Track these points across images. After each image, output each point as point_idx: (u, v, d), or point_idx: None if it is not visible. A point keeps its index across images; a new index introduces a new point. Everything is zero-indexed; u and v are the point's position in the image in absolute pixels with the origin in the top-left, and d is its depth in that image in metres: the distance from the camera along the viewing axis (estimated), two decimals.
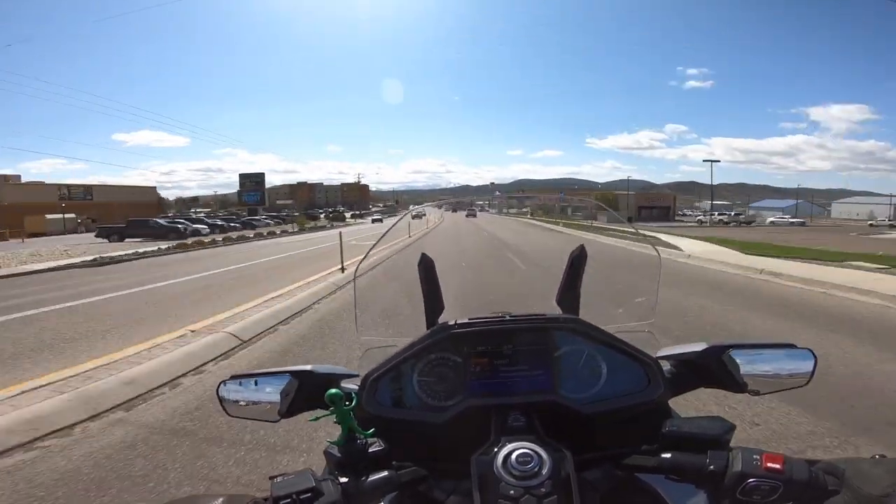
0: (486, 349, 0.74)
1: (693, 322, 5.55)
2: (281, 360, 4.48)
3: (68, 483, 2.39)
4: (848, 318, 5.76)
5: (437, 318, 0.86)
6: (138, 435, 2.94)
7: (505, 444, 0.61)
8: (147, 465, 2.54)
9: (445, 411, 0.72)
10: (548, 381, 0.73)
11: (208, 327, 5.31)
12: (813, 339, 4.65)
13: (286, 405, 0.74)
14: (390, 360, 0.75)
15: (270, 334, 5.40)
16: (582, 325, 0.76)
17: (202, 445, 2.77)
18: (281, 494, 0.55)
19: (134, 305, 7.17)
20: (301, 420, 0.79)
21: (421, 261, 0.88)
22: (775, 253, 12.26)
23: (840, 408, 3.05)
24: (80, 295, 8.19)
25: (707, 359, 0.75)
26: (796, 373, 0.74)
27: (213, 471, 2.47)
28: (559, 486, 0.55)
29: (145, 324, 5.80)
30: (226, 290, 8.36)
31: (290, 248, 18.81)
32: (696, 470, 0.60)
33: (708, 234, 23.83)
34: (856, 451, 2.49)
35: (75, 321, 6.10)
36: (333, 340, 5.06)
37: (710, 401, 2.94)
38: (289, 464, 2.53)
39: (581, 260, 0.90)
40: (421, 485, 0.67)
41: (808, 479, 0.56)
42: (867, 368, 3.89)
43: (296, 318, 6.16)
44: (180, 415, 3.25)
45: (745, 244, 15.23)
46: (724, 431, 0.63)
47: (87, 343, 5.02)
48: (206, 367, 4.26)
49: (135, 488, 2.33)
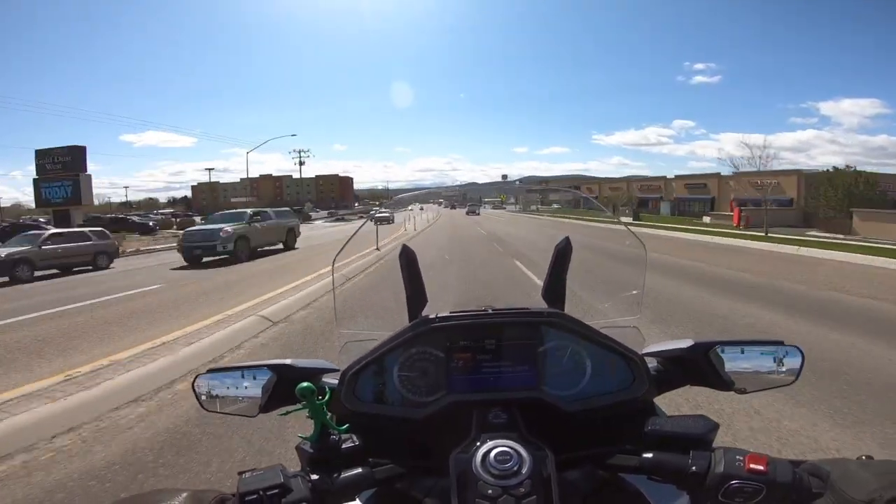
0: (468, 343, 0.72)
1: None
2: None
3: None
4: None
5: (419, 312, 0.84)
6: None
7: (485, 441, 0.59)
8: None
9: (426, 407, 0.71)
10: (531, 377, 0.72)
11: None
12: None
13: (265, 400, 0.72)
14: (369, 355, 0.73)
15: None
16: (566, 319, 0.74)
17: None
18: (248, 490, 0.54)
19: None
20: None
21: (402, 252, 0.86)
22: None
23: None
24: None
25: (693, 356, 0.73)
26: (783, 370, 0.72)
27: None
28: (539, 486, 0.54)
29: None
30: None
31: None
32: (678, 471, 0.59)
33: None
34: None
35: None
36: None
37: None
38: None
39: (566, 252, 0.87)
40: (398, 482, 0.65)
41: (791, 482, 0.54)
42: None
43: None
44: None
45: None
46: (707, 431, 0.61)
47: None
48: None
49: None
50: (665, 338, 1.12)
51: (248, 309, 6.30)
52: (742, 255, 12.30)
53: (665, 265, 10.14)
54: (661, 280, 7.96)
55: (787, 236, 16.22)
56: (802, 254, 12.42)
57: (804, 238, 16.10)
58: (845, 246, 13.01)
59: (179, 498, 0.52)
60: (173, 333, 5.26)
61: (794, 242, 14.21)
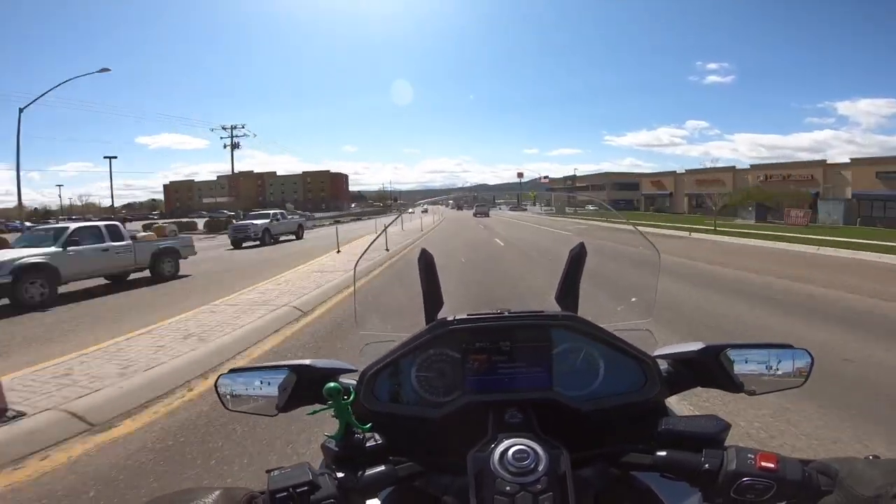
0: (484, 345, 0.74)
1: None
2: None
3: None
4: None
5: (436, 314, 0.86)
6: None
7: (502, 440, 0.61)
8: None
9: (443, 407, 0.73)
10: (546, 378, 0.73)
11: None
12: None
13: (284, 399, 0.74)
14: (388, 356, 0.75)
15: None
16: (580, 322, 0.76)
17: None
18: (277, 488, 0.56)
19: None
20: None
21: (421, 256, 0.88)
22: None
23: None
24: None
25: (704, 358, 0.74)
26: (793, 373, 0.73)
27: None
28: (555, 483, 0.56)
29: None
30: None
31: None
32: (690, 468, 0.60)
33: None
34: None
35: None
36: None
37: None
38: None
39: (581, 257, 0.89)
40: (418, 480, 0.67)
41: (801, 479, 0.56)
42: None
43: None
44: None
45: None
46: (719, 430, 0.63)
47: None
48: None
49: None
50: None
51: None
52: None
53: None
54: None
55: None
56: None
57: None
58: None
59: (211, 496, 0.53)
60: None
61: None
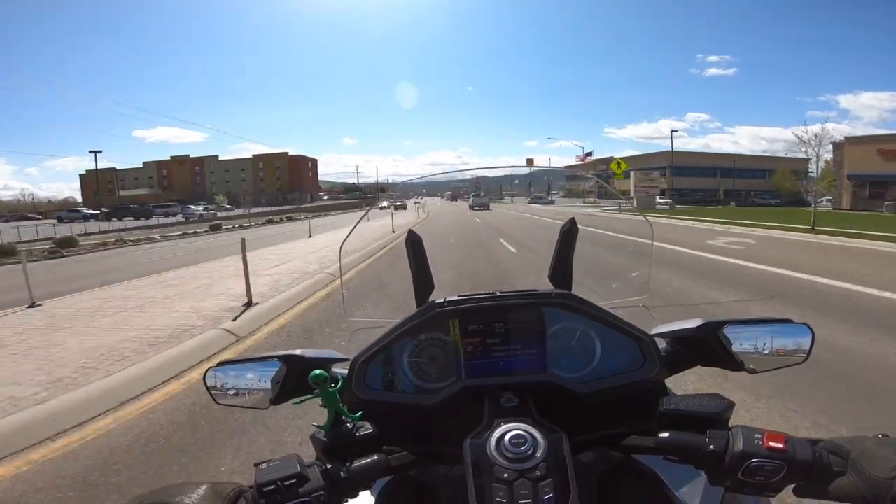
0: (477, 328, 0.72)
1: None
2: None
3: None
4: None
5: (427, 298, 0.83)
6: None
7: (498, 426, 0.59)
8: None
9: (437, 394, 0.70)
10: (541, 360, 0.71)
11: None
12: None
13: (275, 392, 0.72)
14: (379, 342, 0.73)
15: None
16: (574, 300, 0.73)
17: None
18: (265, 481, 0.54)
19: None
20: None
21: (409, 238, 0.84)
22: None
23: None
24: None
25: (703, 336, 0.72)
26: (794, 349, 0.71)
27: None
28: (554, 469, 0.54)
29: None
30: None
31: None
32: (695, 450, 0.58)
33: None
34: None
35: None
36: None
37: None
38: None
39: (572, 234, 0.85)
40: (412, 469, 0.65)
41: (812, 460, 0.53)
42: None
43: None
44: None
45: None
46: (723, 409, 0.60)
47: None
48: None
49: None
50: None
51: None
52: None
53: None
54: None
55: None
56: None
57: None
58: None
59: (198, 491, 0.52)
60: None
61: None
